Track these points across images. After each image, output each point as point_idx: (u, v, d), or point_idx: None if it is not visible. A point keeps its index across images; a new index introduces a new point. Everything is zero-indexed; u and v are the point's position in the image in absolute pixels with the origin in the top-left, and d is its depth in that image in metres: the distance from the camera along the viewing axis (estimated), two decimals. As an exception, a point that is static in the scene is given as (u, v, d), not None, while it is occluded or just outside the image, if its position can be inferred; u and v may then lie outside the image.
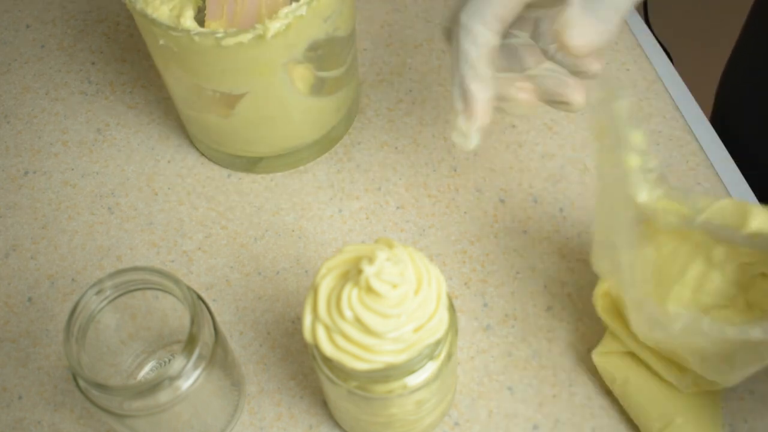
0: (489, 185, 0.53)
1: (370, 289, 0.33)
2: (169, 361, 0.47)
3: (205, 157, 0.55)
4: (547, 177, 0.53)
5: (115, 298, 0.40)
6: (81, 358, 0.37)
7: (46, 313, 0.50)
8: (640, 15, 0.62)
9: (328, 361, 0.36)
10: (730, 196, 0.52)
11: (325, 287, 0.35)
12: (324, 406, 0.46)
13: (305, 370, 0.47)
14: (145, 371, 0.47)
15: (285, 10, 0.43)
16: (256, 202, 0.53)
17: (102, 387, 0.36)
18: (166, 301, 0.42)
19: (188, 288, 0.38)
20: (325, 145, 0.55)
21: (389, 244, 0.35)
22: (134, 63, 0.60)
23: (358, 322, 0.34)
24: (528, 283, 0.49)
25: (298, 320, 0.49)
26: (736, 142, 0.56)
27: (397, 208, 0.53)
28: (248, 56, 0.44)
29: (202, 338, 0.38)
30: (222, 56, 0.44)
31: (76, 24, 0.63)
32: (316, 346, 0.35)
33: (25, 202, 0.54)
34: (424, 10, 0.61)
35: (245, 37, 0.43)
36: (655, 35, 0.60)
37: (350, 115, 0.56)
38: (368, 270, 0.33)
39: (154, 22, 0.43)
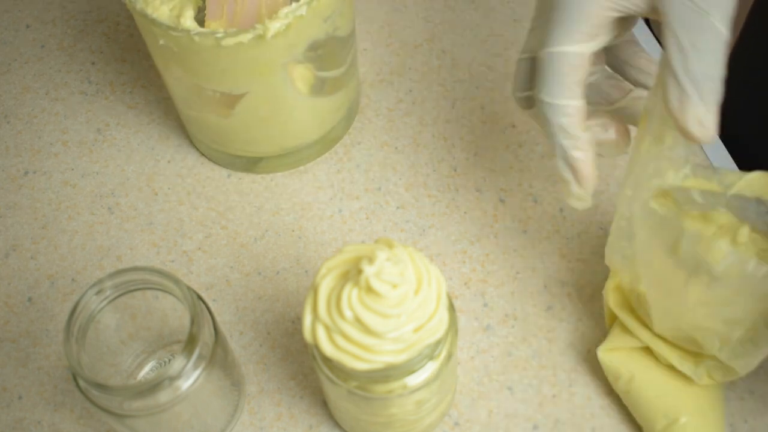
0: (489, 185, 0.53)
1: (370, 289, 0.33)
2: (169, 361, 0.47)
3: (205, 157, 0.55)
4: (547, 177, 0.53)
5: (115, 298, 0.40)
6: (81, 358, 0.37)
7: (46, 313, 0.50)
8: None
9: (328, 361, 0.36)
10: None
11: (325, 287, 0.35)
12: (324, 406, 0.46)
13: (305, 370, 0.47)
14: (145, 371, 0.47)
15: (285, 10, 0.43)
16: (256, 202, 0.53)
17: (102, 387, 0.36)
18: (166, 301, 0.42)
19: (188, 288, 0.38)
20: (325, 145, 0.55)
21: (389, 244, 0.35)
22: (134, 63, 0.60)
23: (358, 322, 0.34)
24: (528, 283, 0.49)
25: (298, 320, 0.49)
26: (736, 142, 0.56)
27: (397, 208, 0.53)
28: (248, 56, 0.44)
29: (202, 338, 0.38)
30: (222, 56, 0.44)
31: (76, 24, 0.63)
32: (316, 346, 0.35)
33: (25, 202, 0.54)
34: (424, 10, 0.61)
35: (245, 37, 0.43)
36: (654, 35, 0.60)
37: (350, 115, 0.56)
38: (368, 270, 0.33)
39: (154, 22, 0.43)
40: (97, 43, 0.62)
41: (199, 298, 0.39)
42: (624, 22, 0.38)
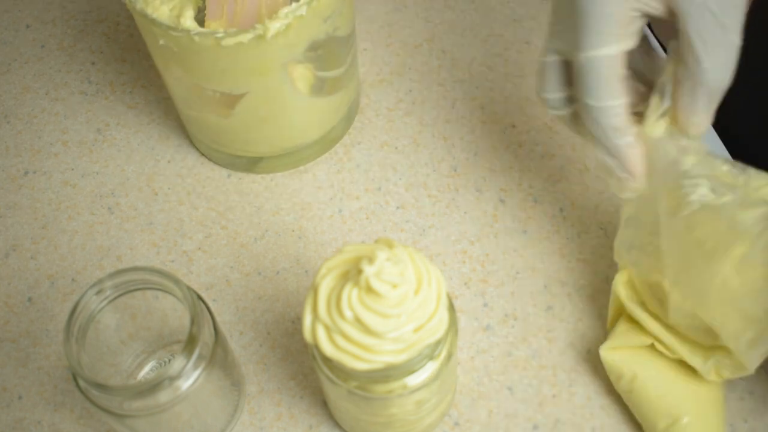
0: (489, 185, 0.53)
1: (370, 289, 0.33)
2: (169, 361, 0.47)
3: (205, 157, 0.55)
4: (547, 177, 0.53)
5: (115, 298, 0.40)
6: (81, 358, 0.37)
7: (46, 313, 0.50)
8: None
9: (328, 361, 0.36)
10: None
11: (325, 287, 0.35)
12: (324, 406, 0.46)
13: (305, 370, 0.47)
14: (145, 371, 0.47)
15: (285, 10, 0.43)
16: (256, 202, 0.53)
17: (102, 387, 0.36)
18: (166, 301, 0.42)
19: (188, 288, 0.38)
20: (325, 145, 0.55)
21: (389, 244, 0.35)
22: (134, 63, 0.60)
23: (358, 322, 0.34)
24: (528, 283, 0.49)
25: (298, 320, 0.49)
26: (736, 142, 0.56)
27: (397, 208, 0.53)
28: (248, 56, 0.44)
29: (202, 338, 0.38)
30: (222, 56, 0.44)
31: (76, 24, 0.63)
32: (316, 346, 0.35)
33: (25, 202, 0.54)
34: (424, 10, 0.61)
35: (245, 37, 0.43)
36: (655, 35, 0.60)
37: (350, 115, 0.56)
38: (368, 270, 0.33)
39: (154, 22, 0.43)
40: (97, 43, 0.62)
41: (199, 298, 0.39)
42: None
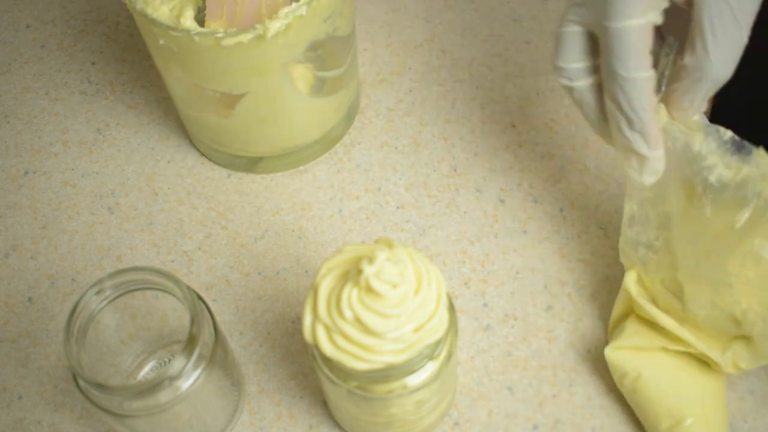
0: (489, 185, 0.53)
1: (370, 289, 0.33)
2: (169, 361, 0.47)
3: (205, 157, 0.55)
4: (547, 177, 0.53)
5: (115, 298, 0.40)
6: (81, 358, 0.37)
7: (46, 313, 0.50)
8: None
9: (328, 361, 0.36)
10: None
11: (325, 287, 0.35)
12: (324, 406, 0.46)
13: (305, 370, 0.47)
14: (145, 371, 0.47)
15: (285, 10, 0.43)
16: (256, 202, 0.53)
17: (102, 387, 0.36)
18: (166, 301, 0.42)
19: (188, 288, 0.38)
20: (325, 145, 0.55)
21: (389, 244, 0.35)
22: (134, 63, 0.60)
23: (358, 322, 0.34)
24: (528, 283, 0.49)
25: (298, 320, 0.49)
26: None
27: (397, 208, 0.53)
28: (248, 56, 0.44)
29: (202, 338, 0.38)
30: (222, 56, 0.44)
31: (76, 24, 0.63)
32: (316, 346, 0.35)
33: (25, 202, 0.54)
34: (424, 10, 0.61)
35: (245, 37, 0.43)
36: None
37: (350, 115, 0.56)
38: (368, 270, 0.33)
39: (154, 22, 0.43)
40: (97, 43, 0.62)
41: (199, 298, 0.39)
42: None
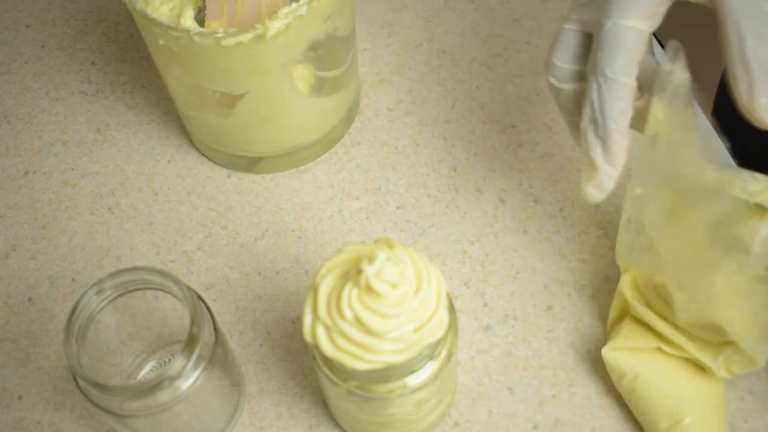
0: (489, 185, 0.53)
1: (370, 289, 0.33)
2: (169, 361, 0.47)
3: (205, 157, 0.55)
4: (547, 177, 0.53)
5: (115, 298, 0.40)
6: (81, 358, 0.37)
7: (46, 313, 0.50)
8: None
9: (328, 361, 0.36)
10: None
11: (325, 287, 0.35)
12: (324, 406, 0.46)
13: (305, 370, 0.47)
14: (145, 371, 0.47)
15: (285, 10, 0.43)
16: (256, 202, 0.53)
17: (102, 387, 0.36)
18: (166, 301, 0.42)
19: (188, 288, 0.38)
20: (325, 145, 0.55)
21: (389, 244, 0.35)
22: (134, 63, 0.60)
23: (358, 322, 0.34)
24: (528, 283, 0.49)
25: (298, 320, 0.49)
26: (737, 141, 0.56)
27: (397, 208, 0.53)
28: (248, 56, 0.44)
29: (202, 338, 0.38)
30: (222, 56, 0.44)
31: (76, 24, 0.63)
32: (316, 346, 0.35)
33: (25, 202, 0.54)
34: (424, 10, 0.61)
35: (245, 37, 0.43)
36: (654, 34, 0.60)
37: (350, 115, 0.56)
38: (368, 270, 0.33)
39: (154, 22, 0.43)
40: (97, 43, 0.62)
41: (199, 298, 0.39)
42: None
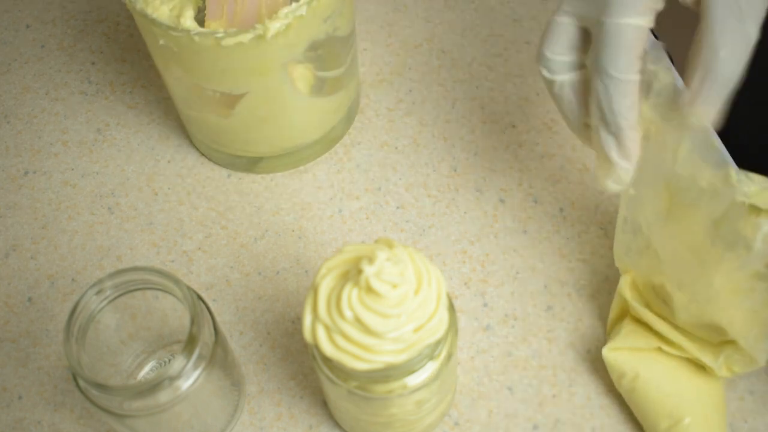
0: (489, 185, 0.53)
1: (370, 289, 0.33)
2: (169, 361, 0.47)
3: (205, 157, 0.55)
4: (547, 177, 0.53)
5: (115, 298, 0.40)
6: (81, 358, 0.37)
7: (46, 313, 0.50)
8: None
9: (328, 361, 0.36)
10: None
11: (325, 287, 0.35)
12: (324, 406, 0.46)
13: (305, 370, 0.47)
14: (145, 371, 0.47)
15: (285, 10, 0.43)
16: (256, 202, 0.53)
17: (102, 387, 0.36)
18: (166, 301, 0.42)
19: (188, 288, 0.38)
20: (325, 145, 0.55)
21: (389, 244, 0.35)
22: (134, 63, 0.60)
23: (358, 322, 0.34)
24: (528, 283, 0.49)
25: (298, 320, 0.49)
26: (736, 142, 0.56)
27: (397, 208, 0.53)
28: (248, 56, 0.44)
29: (202, 338, 0.38)
30: (222, 56, 0.44)
31: (76, 24, 0.63)
32: (316, 346, 0.35)
33: (25, 202, 0.54)
34: (424, 10, 0.61)
35: (245, 37, 0.43)
36: (655, 35, 0.60)
37: (350, 115, 0.56)
38: (368, 270, 0.33)
39: (154, 22, 0.43)
40: (97, 43, 0.62)
41: (199, 298, 0.39)
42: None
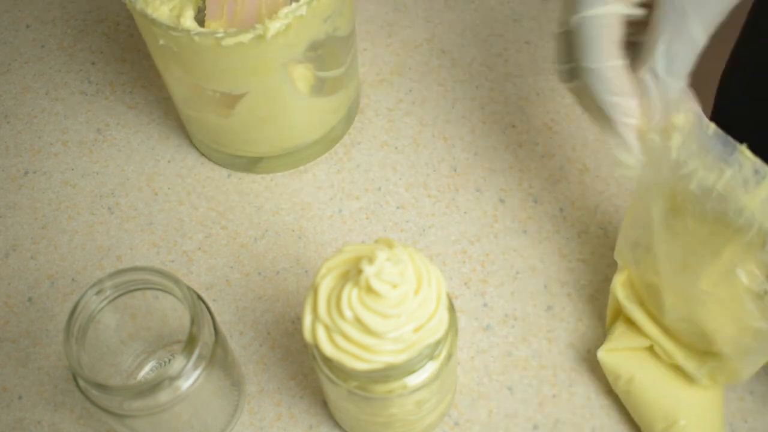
0: (489, 185, 0.53)
1: (370, 289, 0.33)
2: (169, 361, 0.47)
3: (205, 157, 0.55)
4: (547, 177, 0.53)
5: (115, 298, 0.40)
6: (81, 358, 0.37)
7: (46, 313, 0.50)
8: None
9: (328, 361, 0.36)
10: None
11: (325, 287, 0.35)
12: (324, 406, 0.46)
13: (305, 370, 0.47)
14: (145, 371, 0.47)
15: (285, 10, 0.43)
16: (256, 202, 0.53)
17: (102, 387, 0.36)
18: (166, 301, 0.42)
19: (188, 288, 0.38)
20: (325, 145, 0.55)
21: (389, 244, 0.35)
22: (134, 63, 0.60)
23: (358, 322, 0.34)
24: (528, 283, 0.49)
25: (298, 320, 0.49)
26: (736, 141, 0.56)
27: (397, 208, 0.53)
28: (248, 56, 0.44)
29: (202, 338, 0.38)
30: (222, 56, 0.44)
31: (76, 24, 0.63)
32: (316, 346, 0.35)
33: (25, 202, 0.54)
34: (424, 10, 0.61)
35: (245, 37, 0.43)
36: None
37: (350, 115, 0.56)
38: (368, 270, 0.33)
39: (154, 22, 0.43)
40: (97, 43, 0.62)
41: (199, 298, 0.39)
42: None
